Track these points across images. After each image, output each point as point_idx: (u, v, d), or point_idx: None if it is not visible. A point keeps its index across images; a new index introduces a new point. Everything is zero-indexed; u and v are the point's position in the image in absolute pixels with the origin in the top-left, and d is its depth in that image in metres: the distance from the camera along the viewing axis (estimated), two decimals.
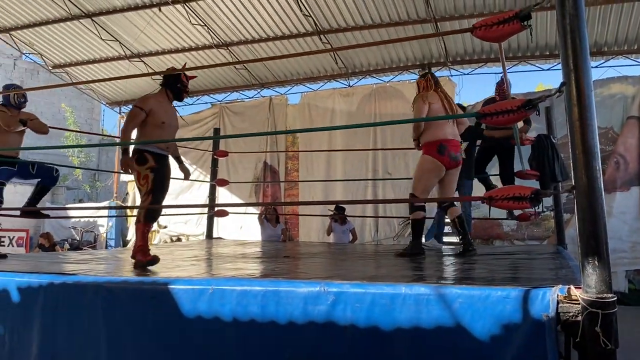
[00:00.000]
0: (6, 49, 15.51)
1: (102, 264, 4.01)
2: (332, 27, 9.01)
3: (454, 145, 4.14)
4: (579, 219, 1.85)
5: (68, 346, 2.63)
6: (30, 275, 2.88)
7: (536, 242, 8.49)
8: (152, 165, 3.69)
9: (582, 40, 1.91)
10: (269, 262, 4.22)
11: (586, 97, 1.87)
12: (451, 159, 4.11)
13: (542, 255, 4.21)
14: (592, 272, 1.80)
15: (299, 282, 2.31)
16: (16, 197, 9.07)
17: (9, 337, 2.81)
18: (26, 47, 10.68)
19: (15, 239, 11.33)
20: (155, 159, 3.72)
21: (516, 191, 2.17)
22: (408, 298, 2.07)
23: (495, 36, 2.31)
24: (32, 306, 2.76)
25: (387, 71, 10.19)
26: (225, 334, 2.31)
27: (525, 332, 1.88)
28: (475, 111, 2.58)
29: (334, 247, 6.13)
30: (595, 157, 1.85)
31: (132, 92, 11.90)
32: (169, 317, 2.42)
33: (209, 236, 7.28)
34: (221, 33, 9.57)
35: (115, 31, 9.85)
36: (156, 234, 11.96)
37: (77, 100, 18.27)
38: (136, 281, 2.65)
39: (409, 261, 3.83)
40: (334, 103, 10.35)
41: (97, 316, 2.57)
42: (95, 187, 17.74)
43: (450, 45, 9.17)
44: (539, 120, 7.36)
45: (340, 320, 2.13)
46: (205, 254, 4.99)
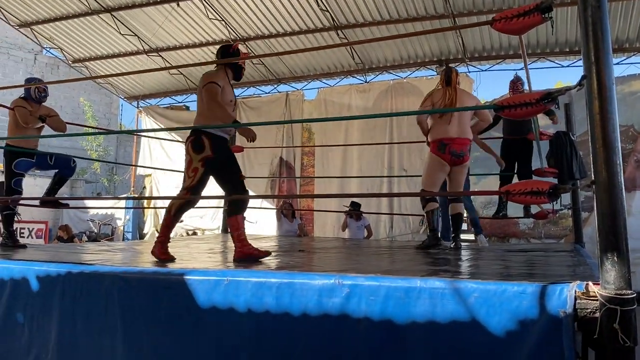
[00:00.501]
0: (27, 43, 15.74)
1: (118, 254, 4.06)
2: (350, 22, 8.98)
3: (458, 143, 4.26)
4: (598, 214, 1.83)
5: (86, 334, 2.67)
6: (49, 264, 2.92)
7: (553, 241, 8.39)
8: (208, 156, 3.44)
9: (604, 33, 1.88)
10: (283, 255, 4.23)
11: (607, 90, 1.84)
12: (453, 156, 4.25)
13: (559, 253, 4.16)
14: (611, 268, 1.77)
15: (313, 275, 2.31)
16: (35, 189, 9.22)
17: (28, 324, 2.86)
18: (47, 42, 10.82)
19: (34, 231, 11.51)
20: (213, 146, 3.46)
21: (534, 186, 2.14)
22: (423, 292, 2.06)
23: (515, 29, 2.28)
24: (51, 295, 2.80)
25: (404, 67, 10.12)
26: (240, 325, 2.32)
27: (541, 328, 1.85)
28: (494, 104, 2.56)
29: (349, 243, 6.13)
30: (615, 151, 1.82)
31: (150, 86, 12.00)
32: (184, 307, 2.44)
33: (225, 230, 7.32)
34: (238, 28, 9.60)
35: (134, 26, 9.93)
36: None
37: (95, 94, 18.47)
38: (152, 272, 2.67)
39: (424, 256, 3.82)
40: (351, 99, 10.33)
41: (113, 305, 2.60)
42: (113, 180, 17.93)
43: (468, 41, 9.08)
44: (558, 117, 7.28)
45: (354, 313, 2.13)
46: (221, 247, 5.03)
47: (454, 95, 4.33)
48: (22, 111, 4.46)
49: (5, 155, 4.52)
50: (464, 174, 4.48)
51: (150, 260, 3.37)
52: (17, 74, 16.72)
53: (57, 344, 2.74)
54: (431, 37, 9.07)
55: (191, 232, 11.53)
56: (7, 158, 4.48)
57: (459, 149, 4.26)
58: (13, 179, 4.46)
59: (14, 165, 4.46)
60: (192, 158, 3.49)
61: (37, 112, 4.54)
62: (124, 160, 18.80)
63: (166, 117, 12.17)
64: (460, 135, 4.29)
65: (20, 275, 2.92)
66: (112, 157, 18.55)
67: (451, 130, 4.27)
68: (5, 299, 2.94)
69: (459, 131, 4.29)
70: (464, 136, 4.32)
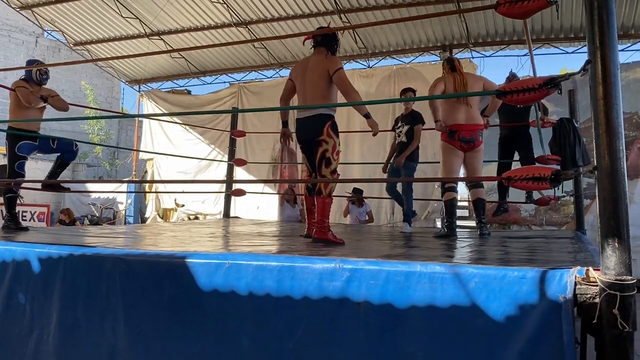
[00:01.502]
0: (28, 26, 15.66)
1: (120, 238, 4.07)
2: (353, 6, 8.89)
3: (467, 130, 4.35)
4: (599, 200, 1.82)
5: (87, 316, 2.68)
6: (50, 246, 2.93)
7: (554, 228, 8.40)
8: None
9: (609, 17, 1.86)
10: (285, 240, 4.24)
11: (612, 75, 1.83)
12: (463, 142, 4.35)
13: (560, 240, 4.16)
14: (611, 254, 1.77)
15: (314, 259, 2.31)
16: (37, 172, 9.23)
17: (30, 306, 2.88)
18: (48, 24, 10.75)
19: (36, 214, 11.54)
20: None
21: (536, 172, 2.14)
22: (423, 276, 2.07)
23: (520, 12, 2.26)
24: (53, 277, 2.81)
25: (408, 52, 10.04)
26: (241, 307, 2.34)
27: (541, 313, 1.86)
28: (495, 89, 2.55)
29: (350, 228, 6.14)
30: (618, 137, 1.81)
31: (152, 70, 11.95)
32: (185, 290, 2.45)
33: (226, 215, 7.34)
34: (240, 11, 9.52)
35: (135, 9, 9.86)
36: (174, 212, 12.10)
37: (97, 78, 18.41)
38: (153, 254, 2.68)
39: (424, 242, 3.82)
40: (353, 84, 10.24)
41: (115, 288, 2.61)
42: (114, 164, 17.94)
43: (472, 26, 9.00)
44: (561, 104, 7.25)
45: (354, 297, 2.14)
46: (223, 232, 5.04)
47: (464, 80, 4.37)
48: (23, 91, 4.45)
49: (7, 138, 4.51)
50: (478, 158, 4.50)
51: (153, 244, 3.38)
52: (19, 56, 16.65)
53: (58, 325, 2.76)
54: (435, 22, 8.99)
55: (193, 217, 11.56)
56: (9, 141, 4.48)
57: (468, 135, 4.33)
58: (16, 162, 4.46)
59: (17, 148, 4.45)
60: (336, 142, 3.71)
61: (38, 93, 4.52)
62: (125, 144, 18.78)
63: (168, 101, 12.15)
64: (468, 121, 4.35)
65: (23, 257, 2.93)
66: (113, 141, 18.54)
67: (459, 117, 4.34)
68: (7, 281, 2.95)
69: (467, 117, 4.36)
70: (472, 122, 4.37)
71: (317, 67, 3.72)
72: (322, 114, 3.67)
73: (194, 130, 11.50)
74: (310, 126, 3.69)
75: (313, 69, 3.74)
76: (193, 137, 11.73)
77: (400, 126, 5.53)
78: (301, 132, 3.82)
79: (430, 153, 9.41)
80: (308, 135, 3.75)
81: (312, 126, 3.69)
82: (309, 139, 3.74)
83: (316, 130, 3.67)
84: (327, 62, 3.70)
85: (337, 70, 3.65)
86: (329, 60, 3.73)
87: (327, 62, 3.70)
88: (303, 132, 3.80)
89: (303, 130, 3.79)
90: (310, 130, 3.71)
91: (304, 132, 3.78)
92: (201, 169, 11.55)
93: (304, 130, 3.78)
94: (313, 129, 3.68)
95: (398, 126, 5.58)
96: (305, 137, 3.79)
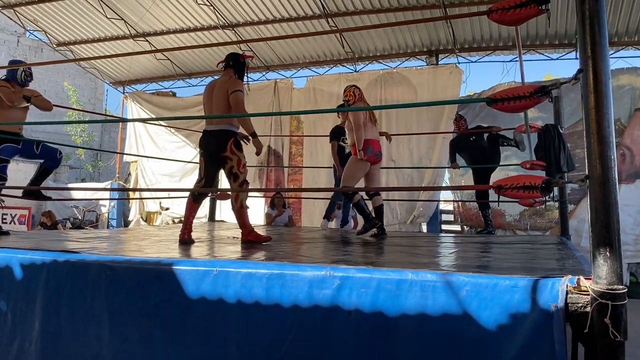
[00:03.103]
0: (10, 25, 15.42)
1: (104, 242, 4.00)
2: (340, 10, 8.91)
3: (377, 145, 4.94)
4: (591, 209, 1.82)
5: (71, 323, 2.62)
6: (33, 252, 2.87)
7: (539, 233, 8.47)
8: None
9: (601, 27, 1.87)
10: (272, 245, 4.20)
11: (603, 85, 1.83)
12: (375, 156, 4.89)
13: (546, 245, 4.19)
14: (603, 263, 1.77)
15: (304, 266, 2.28)
16: (18, 174, 9.08)
17: (12, 313, 2.81)
18: (30, 24, 10.59)
19: (17, 217, 11.34)
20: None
21: (527, 180, 2.14)
22: (414, 284, 2.05)
23: (512, 20, 2.26)
24: (35, 283, 2.75)
25: (394, 57, 10.09)
26: (229, 315, 2.30)
27: (532, 322, 1.85)
28: (485, 97, 2.55)
29: (337, 233, 6.11)
30: (610, 146, 1.81)
31: (136, 72, 11.84)
32: (172, 297, 2.41)
33: (211, 219, 7.27)
34: (227, 13, 9.48)
35: (120, 10, 9.76)
36: (158, 216, 11.98)
37: (80, 79, 18.19)
38: (140, 261, 2.63)
39: (411, 248, 3.81)
40: (340, 88, 10.24)
41: (100, 295, 2.56)
42: (97, 166, 17.73)
43: (458, 32, 9.07)
44: (546, 110, 7.32)
45: (345, 305, 2.11)
46: (208, 236, 4.98)
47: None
48: (5, 90, 4.36)
49: None
50: (379, 169, 5.17)
51: (137, 249, 3.33)
52: (0, 56, 16.39)
53: (41, 333, 2.69)
54: (421, 28, 9.05)
55: (177, 220, 11.45)
56: None
57: (377, 149, 4.92)
58: None
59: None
60: (240, 157, 4.00)
61: (20, 94, 4.43)
62: (109, 146, 18.58)
63: (152, 103, 12.03)
64: (376, 137, 5.00)
65: (4, 263, 2.86)
66: (96, 143, 18.32)
67: (375, 134, 4.96)
68: None
69: (376, 135, 5.03)
70: (378, 138, 5.05)
71: (222, 87, 4.03)
72: (226, 130, 3.99)
73: (179, 132, 11.40)
74: (214, 140, 4.00)
75: (219, 88, 4.05)
76: (178, 139, 11.64)
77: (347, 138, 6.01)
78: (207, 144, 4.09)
79: (416, 157, 9.47)
80: (212, 149, 4.03)
81: (215, 141, 3.99)
82: (213, 152, 4.03)
83: (220, 145, 3.98)
84: (229, 83, 4.02)
85: (234, 91, 3.95)
86: (232, 81, 4.06)
87: (229, 83, 4.02)
88: (208, 144, 4.07)
89: (208, 142, 4.07)
90: (214, 144, 4.01)
91: (209, 144, 4.07)
92: (187, 172, 11.46)
93: (208, 142, 4.07)
94: (216, 143, 3.99)
95: (346, 137, 5.93)
96: (210, 150, 4.06)
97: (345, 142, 6.00)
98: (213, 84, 4.17)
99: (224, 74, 4.16)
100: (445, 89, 9.21)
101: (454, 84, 9.22)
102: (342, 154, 6.11)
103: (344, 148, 6.05)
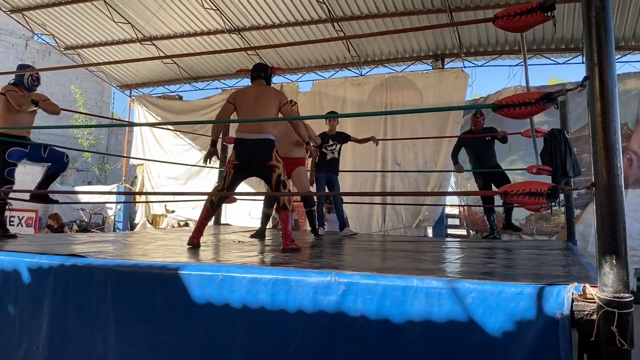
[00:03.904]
0: (18, 29, 15.53)
1: (111, 246, 4.02)
2: (346, 14, 8.92)
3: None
4: (597, 217, 1.82)
5: (77, 327, 2.64)
6: (41, 256, 2.88)
7: (545, 237, 8.44)
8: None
9: (607, 34, 1.86)
10: (277, 249, 4.21)
11: (610, 93, 1.83)
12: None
13: (553, 251, 4.17)
14: (609, 271, 1.77)
15: (309, 272, 2.29)
16: (26, 177, 9.14)
17: (19, 316, 2.82)
18: (38, 28, 10.68)
19: (24, 219, 11.41)
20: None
21: (533, 187, 2.14)
22: (420, 291, 2.05)
23: (518, 27, 2.27)
24: (43, 287, 2.76)
25: (400, 61, 10.10)
26: (234, 320, 2.30)
27: (538, 329, 1.85)
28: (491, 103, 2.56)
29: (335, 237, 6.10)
30: (616, 153, 1.81)
31: (143, 75, 11.90)
32: (178, 301, 2.42)
33: (217, 222, 7.29)
34: (233, 18, 9.52)
35: (127, 14, 9.82)
36: (164, 218, 12.01)
37: (87, 82, 18.27)
38: (146, 265, 2.64)
39: (416, 253, 3.81)
40: (345, 92, 10.28)
41: (106, 299, 2.57)
42: (104, 169, 17.79)
43: (464, 36, 9.07)
44: (552, 114, 7.30)
45: (350, 311, 2.11)
46: (214, 240, 4.99)
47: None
48: (13, 94, 4.39)
49: None
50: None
51: (143, 253, 3.34)
52: (8, 59, 16.50)
53: (48, 337, 2.70)
54: (427, 32, 9.05)
55: (183, 223, 11.49)
56: None
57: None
58: (6, 169, 4.39)
59: (7, 154, 4.39)
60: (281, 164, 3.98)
61: (28, 98, 4.47)
62: (115, 148, 18.64)
63: (159, 106, 12.09)
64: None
65: (12, 266, 2.88)
66: (103, 146, 18.40)
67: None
68: None
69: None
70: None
71: (273, 99, 4.03)
72: (271, 139, 3.96)
73: (185, 136, 11.44)
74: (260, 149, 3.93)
75: (268, 99, 4.01)
76: (184, 142, 11.68)
77: (333, 144, 6.21)
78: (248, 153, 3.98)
79: (422, 161, 9.46)
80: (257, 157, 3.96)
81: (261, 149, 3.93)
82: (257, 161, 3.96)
83: (267, 154, 3.93)
84: (280, 95, 4.15)
85: (286, 103, 4.10)
86: (280, 93, 4.23)
87: (280, 95, 4.15)
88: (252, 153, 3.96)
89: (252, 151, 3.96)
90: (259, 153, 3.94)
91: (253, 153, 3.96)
92: (192, 175, 11.50)
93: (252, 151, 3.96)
94: (263, 152, 3.93)
95: (330, 144, 6.18)
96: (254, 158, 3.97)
97: (328, 148, 6.12)
98: (249, 92, 4.12)
99: (257, 84, 4.15)
100: (451, 93, 9.20)
101: (459, 88, 9.22)
102: (322, 162, 6.17)
103: (326, 155, 6.13)
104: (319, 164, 6.20)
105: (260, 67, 4.25)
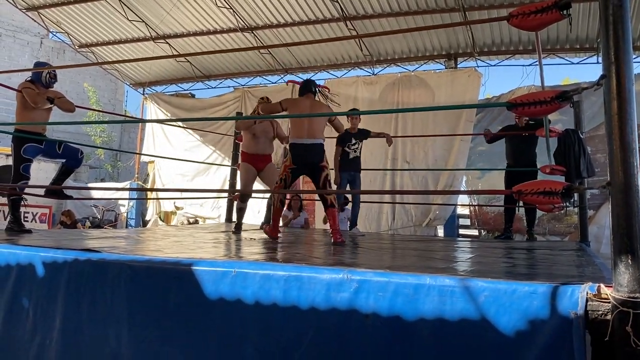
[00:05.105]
0: (33, 27, 15.69)
1: (124, 242, 4.06)
2: (359, 13, 8.91)
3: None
4: (613, 216, 1.80)
5: (90, 322, 2.66)
6: (55, 250, 2.92)
7: (557, 238, 8.38)
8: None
9: (624, 32, 1.85)
10: (288, 247, 4.22)
11: (627, 91, 1.81)
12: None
13: (566, 252, 4.14)
14: (624, 271, 1.75)
15: (322, 269, 2.29)
16: (40, 174, 9.23)
17: (33, 310, 2.86)
18: (53, 26, 10.78)
19: (38, 215, 11.52)
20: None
21: (547, 186, 2.12)
22: (432, 289, 2.04)
23: (532, 25, 2.25)
24: (57, 281, 2.79)
25: (413, 60, 10.06)
26: (247, 316, 2.31)
27: (551, 329, 1.84)
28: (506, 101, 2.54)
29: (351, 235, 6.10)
30: (633, 153, 1.79)
31: (156, 73, 11.97)
32: (191, 297, 2.43)
33: (228, 219, 7.32)
34: (246, 16, 9.55)
35: (141, 12, 9.89)
36: (174, 216, 12.09)
37: (101, 80, 18.42)
38: (159, 261, 2.66)
39: (428, 252, 3.80)
40: (357, 91, 10.26)
41: (120, 294, 2.59)
42: (116, 166, 17.93)
43: (477, 35, 9.02)
44: (565, 113, 7.23)
45: (362, 308, 2.12)
46: (225, 237, 5.02)
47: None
48: (29, 92, 4.44)
49: (13, 140, 4.50)
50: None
51: (156, 249, 3.37)
52: (23, 57, 16.67)
53: (62, 331, 2.73)
54: (440, 31, 9.01)
55: (192, 220, 11.55)
56: (15, 143, 4.47)
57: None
58: (22, 165, 4.45)
59: (22, 150, 4.44)
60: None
61: (44, 95, 4.52)
62: (128, 146, 18.77)
63: (172, 104, 12.15)
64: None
65: (27, 261, 2.91)
66: (116, 143, 18.54)
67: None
68: (10, 285, 2.93)
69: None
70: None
71: (321, 110, 4.70)
72: (323, 144, 4.56)
73: (195, 133, 11.49)
74: (316, 152, 4.48)
75: (319, 111, 4.65)
76: (194, 139, 11.73)
77: (356, 143, 6.23)
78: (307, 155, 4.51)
79: (432, 159, 9.42)
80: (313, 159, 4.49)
81: (317, 152, 4.49)
82: (313, 162, 4.49)
83: (321, 156, 4.52)
84: (328, 110, 4.83)
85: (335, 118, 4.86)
86: (329, 108, 4.87)
87: (328, 110, 4.83)
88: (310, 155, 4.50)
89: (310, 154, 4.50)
90: (316, 155, 4.49)
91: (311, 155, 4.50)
92: (199, 172, 11.54)
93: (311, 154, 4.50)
94: (318, 154, 4.49)
95: (353, 143, 6.18)
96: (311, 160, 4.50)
97: (351, 147, 6.09)
98: (303, 103, 4.66)
99: (308, 97, 4.68)
100: (463, 92, 9.14)
101: (472, 87, 9.16)
102: (345, 160, 6.10)
103: (348, 154, 6.08)
104: (342, 162, 6.12)
105: (311, 82, 4.82)
